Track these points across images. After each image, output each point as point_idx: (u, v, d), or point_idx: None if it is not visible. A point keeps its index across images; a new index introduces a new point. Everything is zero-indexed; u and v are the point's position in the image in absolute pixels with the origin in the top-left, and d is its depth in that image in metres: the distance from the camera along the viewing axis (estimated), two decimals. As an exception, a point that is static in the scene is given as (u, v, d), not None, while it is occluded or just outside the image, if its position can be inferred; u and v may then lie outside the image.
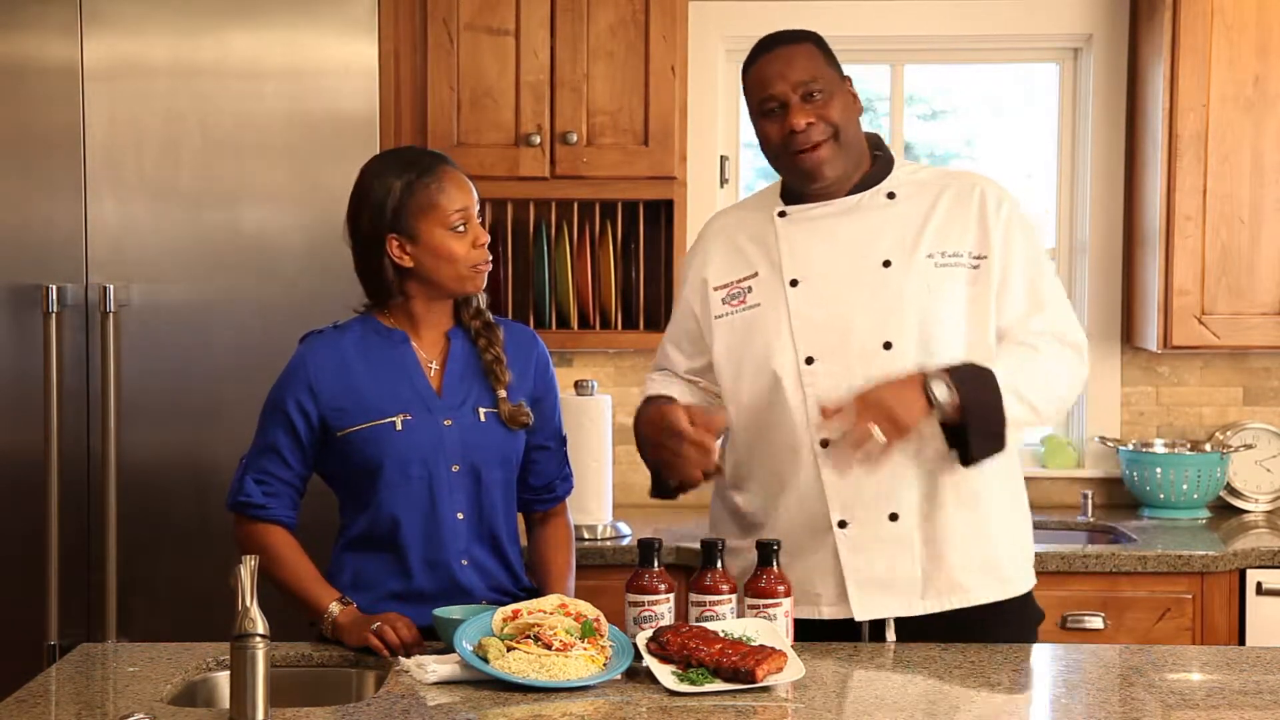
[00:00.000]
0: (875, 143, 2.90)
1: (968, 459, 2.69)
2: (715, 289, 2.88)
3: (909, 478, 2.75)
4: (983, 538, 2.78)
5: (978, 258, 2.78)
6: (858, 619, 2.76)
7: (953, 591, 2.77)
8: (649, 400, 2.86)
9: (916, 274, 2.75)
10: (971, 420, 2.65)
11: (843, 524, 2.76)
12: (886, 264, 2.77)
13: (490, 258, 2.82)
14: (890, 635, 2.78)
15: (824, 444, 2.75)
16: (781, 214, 2.86)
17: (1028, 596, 2.89)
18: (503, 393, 2.82)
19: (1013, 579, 2.83)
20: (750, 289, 2.85)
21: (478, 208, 2.82)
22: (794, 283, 2.80)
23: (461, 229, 2.77)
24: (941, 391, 2.62)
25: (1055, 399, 2.78)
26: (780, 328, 2.79)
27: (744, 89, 2.86)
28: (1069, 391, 2.81)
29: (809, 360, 2.76)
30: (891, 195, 2.83)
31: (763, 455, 2.83)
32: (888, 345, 2.73)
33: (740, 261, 2.88)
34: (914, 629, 2.78)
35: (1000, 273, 2.78)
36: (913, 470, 2.74)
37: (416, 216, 2.76)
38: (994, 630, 2.78)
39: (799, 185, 2.84)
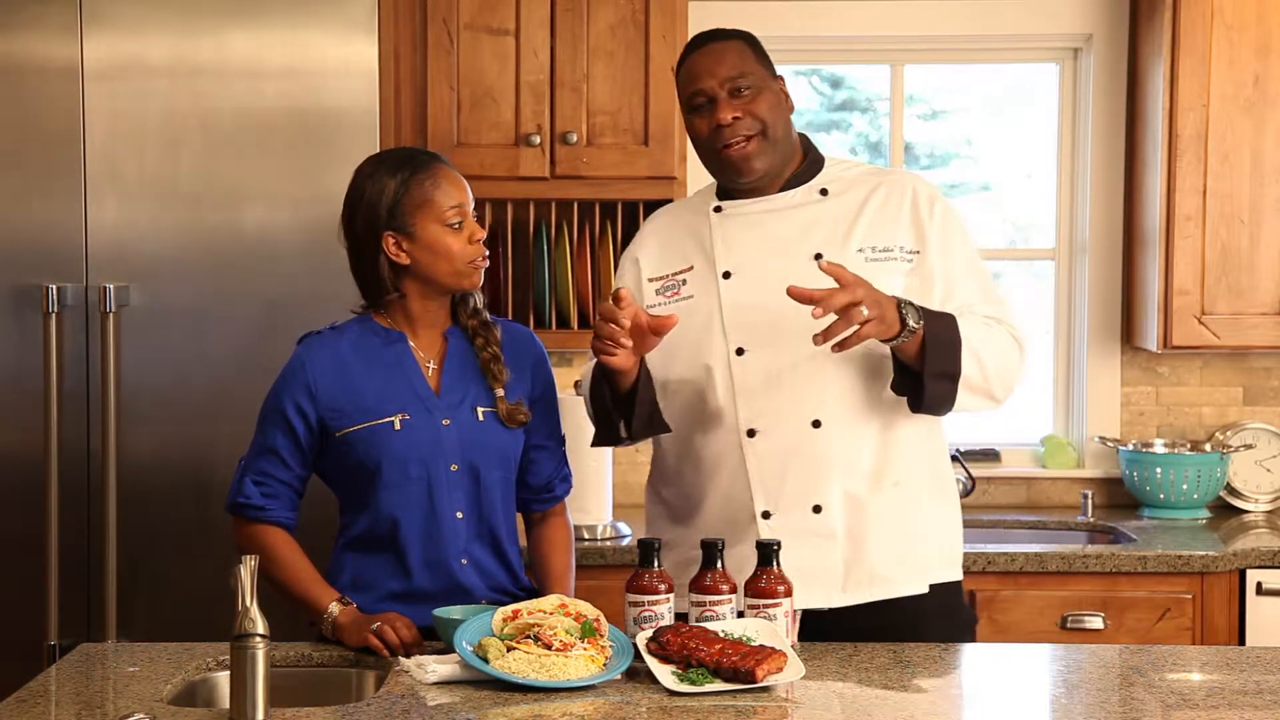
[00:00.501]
0: (805, 143, 2.93)
1: (919, 401, 2.70)
2: (649, 280, 2.91)
3: (834, 470, 2.76)
4: (907, 530, 2.79)
5: (911, 252, 2.81)
6: None
7: (873, 583, 2.77)
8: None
9: (847, 267, 2.75)
10: (930, 356, 2.66)
11: (766, 515, 2.78)
12: (818, 257, 2.77)
13: (487, 253, 2.82)
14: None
15: (750, 433, 2.76)
16: (717, 209, 2.89)
17: (955, 596, 2.88)
18: (500, 391, 2.82)
19: (936, 572, 2.83)
20: (685, 282, 2.88)
21: (473, 205, 2.82)
22: (726, 275, 2.83)
23: (457, 225, 2.77)
24: (913, 316, 2.63)
25: (1003, 373, 2.78)
26: (712, 318, 2.82)
27: (676, 86, 2.90)
28: (1013, 376, 2.81)
29: (739, 351, 2.79)
30: (824, 192, 2.86)
31: (690, 446, 2.85)
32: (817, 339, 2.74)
33: (675, 256, 2.91)
34: (834, 622, 2.76)
35: (942, 268, 2.80)
36: (837, 462, 2.76)
37: (412, 213, 2.76)
38: (918, 627, 2.78)
39: (727, 181, 2.87)
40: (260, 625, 2.26)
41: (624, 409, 2.80)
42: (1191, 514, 4.22)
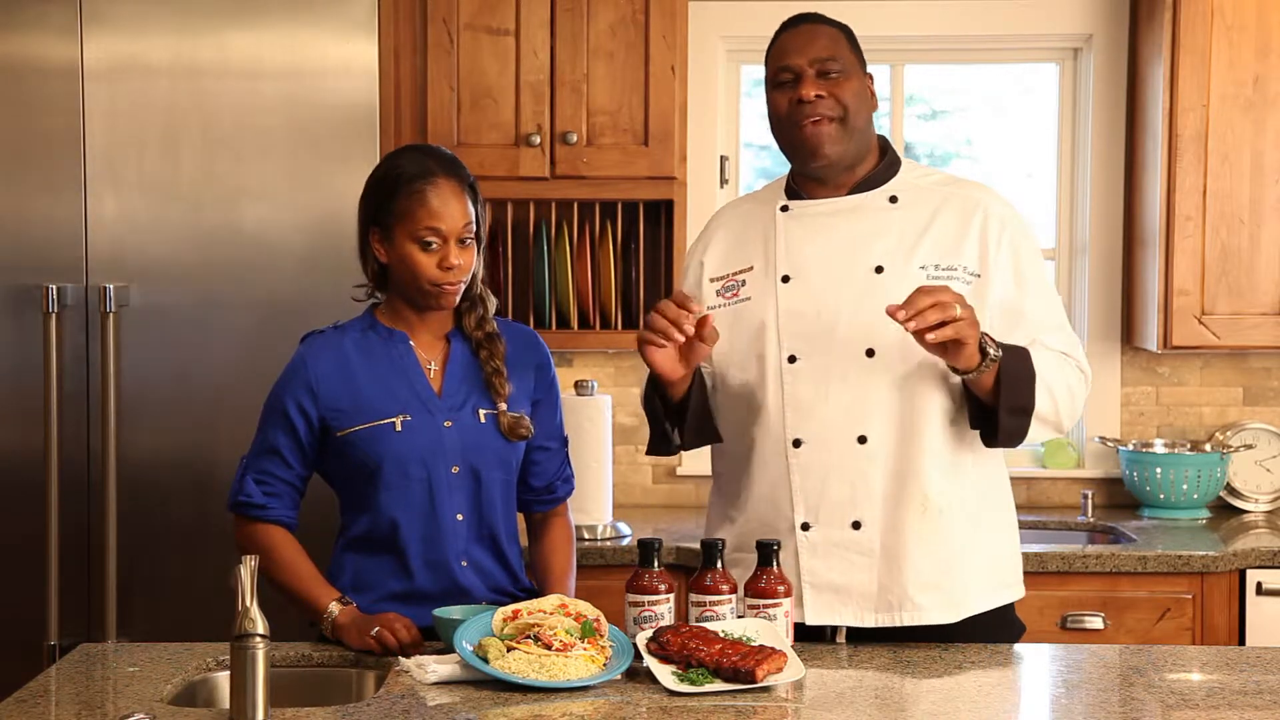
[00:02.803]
0: (883, 144, 2.88)
1: (993, 435, 2.70)
2: (711, 280, 2.88)
3: (876, 487, 2.73)
4: (945, 558, 2.75)
5: (973, 274, 2.76)
6: (808, 623, 2.74)
7: (904, 608, 2.74)
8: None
9: (907, 284, 2.71)
10: (1005, 391, 2.65)
11: (805, 526, 2.75)
12: (879, 270, 2.75)
13: (457, 280, 2.75)
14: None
15: (796, 443, 2.75)
16: (784, 208, 2.85)
17: (1001, 619, 2.84)
18: (503, 405, 2.81)
19: (968, 604, 2.78)
20: (744, 282, 2.84)
21: (470, 226, 2.75)
22: (786, 279, 2.80)
23: (431, 247, 2.73)
24: (993, 346, 2.62)
25: (1071, 410, 2.79)
26: (768, 322, 2.79)
27: (765, 62, 2.84)
28: (1079, 408, 2.82)
29: (791, 359, 2.76)
30: (894, 199, 2.81)
31: (740, 449, 2.83)
32: (870, 353, 2.73)
33: (738, 255, 2.87)
34: (868, 643, 2.75)
35: (1007, 297, 2.77)
36: (881, 480, 2.73)
37: (394, 218, 2.75)
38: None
39: (799, 163, 2.82)
40: (260, 625, 2.26)
41: (676, 417, 2.79)
42: (1191, 514, 4.22)
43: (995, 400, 2.66)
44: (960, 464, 2.76)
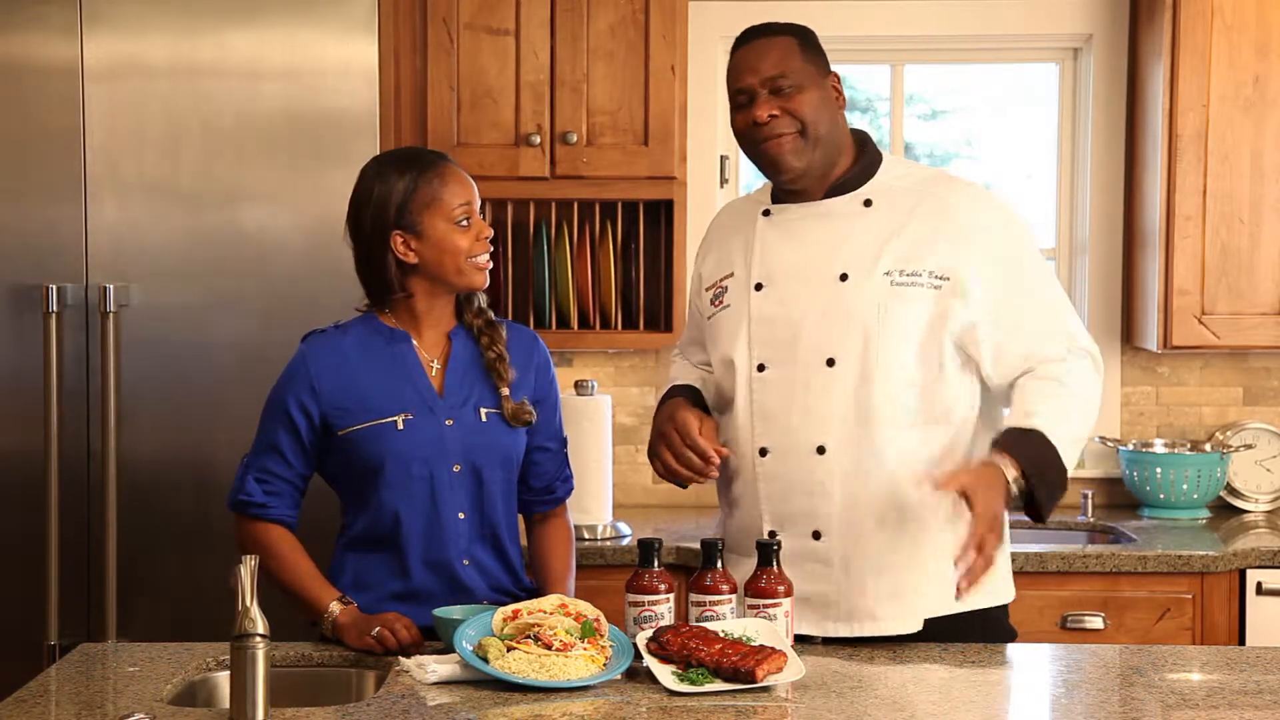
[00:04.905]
0: (860, 141, 2.85)
1: (1040, 517, 2.68)
2: (706, 289, 2.92)
3: (835, 496, 2.72)
4: (905, 568, 2.73)
5: (940, 278, 2.70)
6: None
7: (861, 618, 2.72)
8: (674, 388, 2.89)
9: (870, 292, 2.70)
10: (1039, 488, 2.63)
11: (773, 534, 2.76)
12: (844, 278, 2.73)
13: (491, 250, 2.83)
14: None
15: (762, 452, 2.75)
16: (766, 212, 2.86)
17: (993, 622, 2.82)
18: (505, 390, 2.82)
19: (934, 610, 2.74)
20: (726, 289, 2.86)
21: (479, 204, 2.83)
22: (759, 286, 2.81)
23: (465, 223, 2.78)
24: (1018, 485, 2.61)
25: (1092, 420, 2.76)
26: (741, 331, 2.80)
27: (726, 81, 2.85)
28: (1097, 405, 2.78)
29: (760, 367, 2.77)
30: (868, 203, 2.78)
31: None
32: (830, 362, 2.72)
33: (725, 260, 2.89)
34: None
35: (993, 299, 2.70)
36: (840, 490, 2.71)
37: (421, 211, 2.77)
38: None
39: (768, 177, 2.84)
40: (260, 625, 2.26)
41: None
42: (1191, 514, 4.22)
43: (1036, 495, 2.65)
44: (924, 474, 2.70)
